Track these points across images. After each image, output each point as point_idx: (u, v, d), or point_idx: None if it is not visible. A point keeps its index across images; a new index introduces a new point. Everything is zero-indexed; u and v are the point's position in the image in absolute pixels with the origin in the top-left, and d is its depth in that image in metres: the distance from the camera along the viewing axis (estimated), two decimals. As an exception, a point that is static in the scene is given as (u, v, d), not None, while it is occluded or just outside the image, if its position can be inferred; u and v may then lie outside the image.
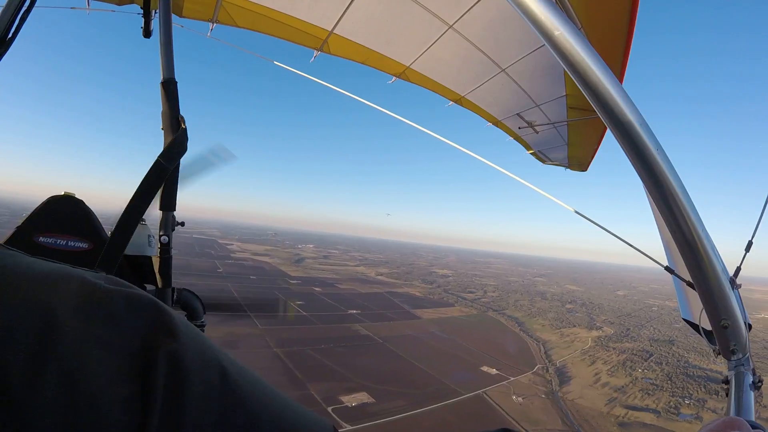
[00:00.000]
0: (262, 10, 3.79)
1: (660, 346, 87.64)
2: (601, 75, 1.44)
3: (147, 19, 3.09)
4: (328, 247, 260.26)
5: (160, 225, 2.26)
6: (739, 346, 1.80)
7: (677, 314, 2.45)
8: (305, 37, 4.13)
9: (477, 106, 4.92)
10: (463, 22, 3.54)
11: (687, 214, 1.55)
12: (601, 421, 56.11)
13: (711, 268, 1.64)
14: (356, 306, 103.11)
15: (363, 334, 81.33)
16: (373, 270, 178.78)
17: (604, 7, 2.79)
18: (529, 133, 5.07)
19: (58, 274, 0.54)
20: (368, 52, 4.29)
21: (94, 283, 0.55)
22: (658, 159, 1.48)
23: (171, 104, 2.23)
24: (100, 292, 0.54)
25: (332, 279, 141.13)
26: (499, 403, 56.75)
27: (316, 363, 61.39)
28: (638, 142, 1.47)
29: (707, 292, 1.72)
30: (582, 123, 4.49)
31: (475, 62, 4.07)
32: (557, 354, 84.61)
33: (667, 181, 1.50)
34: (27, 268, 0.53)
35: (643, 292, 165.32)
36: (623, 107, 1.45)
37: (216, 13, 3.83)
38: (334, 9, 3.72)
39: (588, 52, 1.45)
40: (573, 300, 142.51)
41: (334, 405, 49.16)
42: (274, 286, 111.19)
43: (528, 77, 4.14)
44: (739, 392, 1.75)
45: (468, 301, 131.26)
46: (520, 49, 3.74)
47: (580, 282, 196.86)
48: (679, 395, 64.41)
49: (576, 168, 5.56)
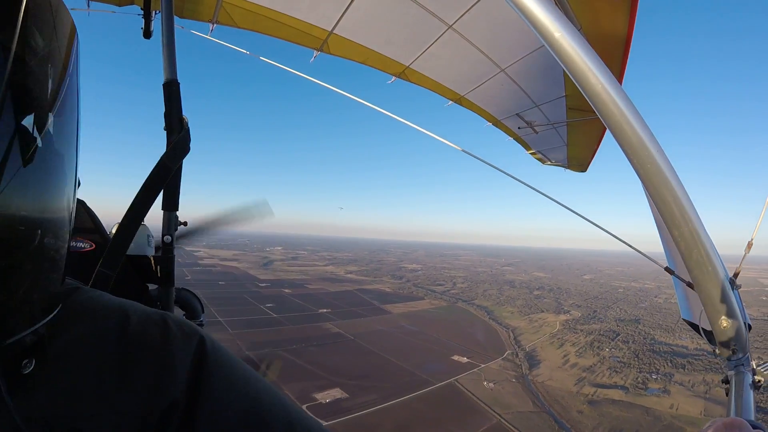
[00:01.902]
0: (262, 10, 3.76)
1: (626, 326, 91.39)
2: (601, 75, 1.45)
3: (147, 20, 3.09)
4: (296, 248, 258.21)
5: (162, 225, 2.26)
6: (738, 346, 1.82)
7: (643, 294, 2.55)
8: (305, 37, 4.10)
9: (477, 106, 4.94)
10: (462, 22, 3.55)
11: (687, 214, 1.56)
12: (570, 401, 57.98)
13: (711, 268, 1.66)
14: (326, 305, 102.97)
15: (334, 332, 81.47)
16: (342, 268, 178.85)
17: (604, 8, 2.78)
18: (529, 133, 5.10)
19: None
20: (368, 52, 4.27)
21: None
22: (657, 159, 1.49)
23: (173, 105, 2.21)
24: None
25: (301, 280, 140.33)
26: (470, 390, 57.97)
27: (288, 363, 61.07)
28: (638, 142, 1.48)
29: (707, 292, 1.73)
30: (581, 123, 4.53)
31: (474, 62, 4.08)
32: (526, 339, 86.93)
33: (666, 181, 1.51)
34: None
35: (608, 275, 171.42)
36: (623, 108, 1.46)
37: (216, 13, 3.80)
38: (333, 9, 3.70)
39: (587, 52, 1.46)
40: (541, 287, 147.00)
41: (309, 403, 49.12)
42: (244, 290, 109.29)
43: (527, 77, 4.17)
44: (739, 392, 1.76)
45: (437, 294, 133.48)
46: (520, 50, 3.77)
47: (548, 269, 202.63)
48: (647, 371, 67.30)
49: (576, 168, 5.60)
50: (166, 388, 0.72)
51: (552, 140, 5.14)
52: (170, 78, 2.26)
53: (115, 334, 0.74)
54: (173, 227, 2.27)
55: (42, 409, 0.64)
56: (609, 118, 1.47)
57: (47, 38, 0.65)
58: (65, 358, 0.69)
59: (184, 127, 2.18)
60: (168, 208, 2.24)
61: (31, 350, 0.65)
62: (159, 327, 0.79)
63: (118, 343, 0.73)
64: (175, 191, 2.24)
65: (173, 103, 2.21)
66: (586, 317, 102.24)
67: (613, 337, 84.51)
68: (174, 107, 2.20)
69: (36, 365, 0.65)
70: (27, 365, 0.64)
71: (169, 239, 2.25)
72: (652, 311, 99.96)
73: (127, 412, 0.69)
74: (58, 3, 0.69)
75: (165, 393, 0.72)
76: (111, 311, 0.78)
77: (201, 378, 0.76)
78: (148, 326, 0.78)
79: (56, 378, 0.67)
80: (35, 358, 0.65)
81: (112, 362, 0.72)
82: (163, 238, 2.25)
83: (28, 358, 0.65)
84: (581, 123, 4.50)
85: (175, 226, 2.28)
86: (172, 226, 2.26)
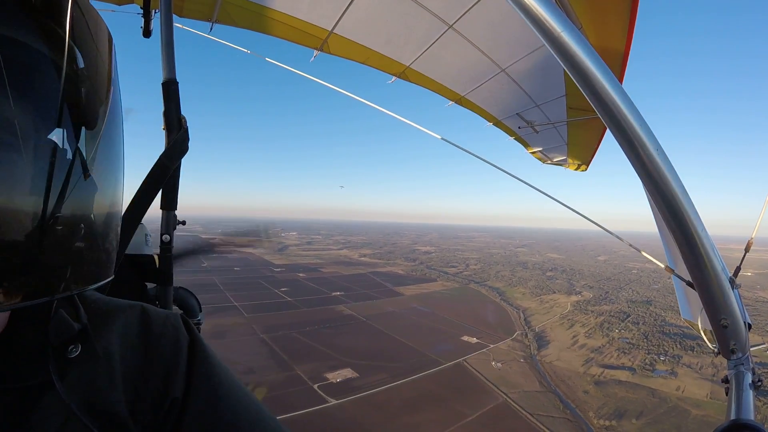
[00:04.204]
0: (262, 9, 3.75)
1: (637, 307, 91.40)
2: (601, 75, 1.45)
3: (147, 18, 3.06)
4: (311, 233, 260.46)
5: (161, 224, 2.26)
6: (738, 345, 1.82)
7: (656, 275, 2.80)
8: (305, 36, 4.09)
9: (477, 106, 4.91)
10: (463, 22, 3.54)
11: (687, 214, 1.56)
12: (577, 381, 58.51)
13: (711, 268, 1.66)
14: (340, 288, 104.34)
15: (346, 314, 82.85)
16: (356, 252, 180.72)
17: (604, 7, 2.76)
18: (529, 132, 5.08)
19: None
20: (368, 52, 4.25)
21: None
22: (657, 159, 1.48)
23: (172, 104, 2.20)
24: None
25: (316, 264, 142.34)
26: (478, 370, 58.88)
27: (301, 345, 62.62)
28: (638, 142, 1.47)
29: (707, 291, 1.74)
30: (582, 123, 4.50)
31: (474, 62, 4.06)
32: (536, 320, 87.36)
33: (666, 181, 1.51)
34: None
35: (623, 256, 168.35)
36: (623, 107, 1.45)
37: (216, 12, 3.78)
38: (334, 9, 3.70)
39: (588, 52, 1.46)
40: (554, 268, 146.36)
41: (320, 382, 50.65)
42: (259, 276, 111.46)
43: (528, 77, 4.14)
44: (739, 391, 1.76)
45: (450, 276, 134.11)
46: (520, 49, 3.74)
47: (562, 250, 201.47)
48: (655, 353, 67.40)
49: (576, 168, 5.56)
50: (173, 384, 0.79)
51: (552, 139, 5.13)
52: (169, 77, 2.25)
53: (139, 329, 0.83)
54: (172, 226, 2.26)
55: (85, 393, 0.70)
56: (609, 117, 1.48)
57: (92, 52, 0.72)
58: (103, 347, 0.76)
59: (182, 126, 2.18)
60: (166, 207, 2.23)
61: (76, 337, 0.74)
62: (171, 326, 0.86)
63: (142, 337, 0.82)
64: (174, 190, 2.23)
65: (172, 102, 2.21)
66: (598, 298, 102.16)
67: (624, 318, 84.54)
68: (173, 106, 2.20)
69: (81, 351, 0.73)
70: (73, 350, 0.72)
71: (168, 238, 2.24)
72: (665, 293, 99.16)
73: (148, 402, 0.76)
74: (96, 15, 0.75)
75: (171, 389, 0.78)
76: (131, 308, 0.86)
77: (192, 382, 0.81)
78: (166, 325, 0.86)
79: (96, 366, 0.73)
80: (81, 343, 0.74)
81: (138, 354, 0.79)
82: (161, 237, 2.24)
83: (74, 344, 0.73)
84: (581, 122, 4.48)
85: (174, 225, 2.27)
86: (171, 226, 2.26)
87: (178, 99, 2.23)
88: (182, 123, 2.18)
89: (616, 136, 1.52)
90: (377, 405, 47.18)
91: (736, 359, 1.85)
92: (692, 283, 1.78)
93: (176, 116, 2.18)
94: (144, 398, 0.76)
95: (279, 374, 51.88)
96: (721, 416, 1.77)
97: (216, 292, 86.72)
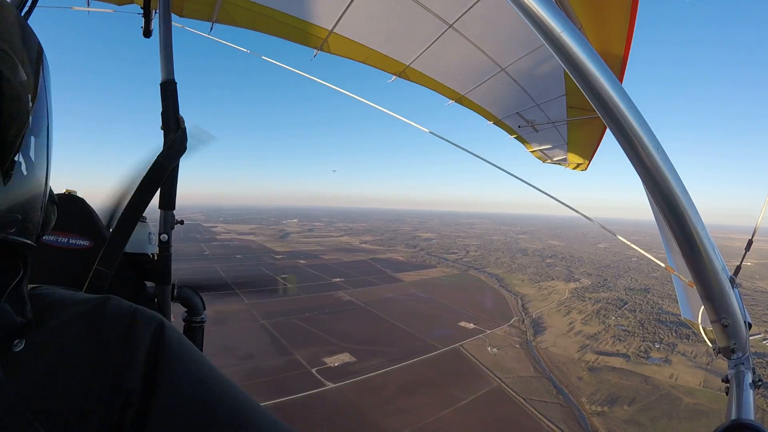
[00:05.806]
0: (262, 9, 3.73)
1: (635, 295, 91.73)
2: (601, 75, 1.45)
3: (147, 18, 3.07)
4: (312, 220, 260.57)
5: (159, 223, 2.27)
6: (739, 344, 1.82)
7: (655, 264, 2.82)
8: (305, 36, 4.09)
9: (477, 105, 4.92)
10: (463, 22, 3.53)
11: (687, 213, 1.56)
12: (571, 367, 59.04)
13: (711, 268, 1.67)
14: (340, 274, 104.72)
15: (345, 300, 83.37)
16: (357, 239, 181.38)
17: (604, 7, 2.75)
18: (529, 131, 5.09)
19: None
20: (368, 51, 4.25)
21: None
22: (657, 159, 1.49)
23: (170, 104, 2.20)
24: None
25: (317, 251, 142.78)
26: (474, 355, 59.42)
27: (300, 331, 63.18)
28: (638, 141, 1.47)
29: (707, 291, 1.74)
30: (582, 122, 4.50)
31: (475, 61, 4.06)
32: (534, 306, 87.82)
33: (667, 180, 1.51)
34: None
35: (623, 243, 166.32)
36: (623, 107, 1.46)
37: (216, 12, 3.78)
38: (334, 8, 3.69)
39: (588, 52, 1.46)
40: (554, 254, 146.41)
41: (318, 366, 51.37)
42: (260, 263, 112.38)
43: (528, 76, 4.14)
44: (740, 391, 1.76)
45: (450, 262, 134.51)
46: (520, 49, 3.74)
47: (563, 237, 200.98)
48: (650, 340, 67.87)
49: (576, 167, 5.55)
50: (127, 378, 0.76)
51: (552, 139, 5.14)
52: (167, 78, 2.25)
53: (88, 323, 0.81)
54: (169, 226, 2.28)
55: (27, 388, 0.69)
56: (609, 116, 1.49)
57: (25, 63, 0.74)
58: (47, 342, 0.75)
59: (180, 126, 2.18)
60: (165, 206, 2.24)
61: (21, 332, 0.74)
62: (127, 320, 0.84)
63: (89, 332, 0.79)
64: (172, 190, 2.24)
65: (170, 102, 2.21)
66: (596, 285, 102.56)
67: (621, 306, 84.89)
68: (171, 107, 2.21)
69: (25, 345, 0.73)
70: (18, 344, 0.72)
71: (166, 237, 2.26)
72: (663, 281, 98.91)
73: (95, 398, 0.73)
74: (26, 26, 0.78)
75: (126, 382, 0.76)
76: (86, 302, 0.85)
77: (156, 373, 0.79)
78: (118, 318, 0.83)
79: (40, 360, 0.73)
80: (25, 339, 0.73)
81: (85, 350, 0.77)
82: (159, 237, 2.26)
83: (19, 338, 0.73)
84: (582, 121, 4.49)
85: (172, 225, 2.29)
86: (169, 225, 2.27)
87: (176, 99, 2.25)
88: (180, 123, 2.19)
89: (616, 136, 1.54)
90: (373, 389, 47.86)
91: (737, 359, 1.85)
92: (692, 282, 1.79)
93: (174, 116, 2.19)
94: (93, 392, 0.74)
95: (278, 359, 52.60)
96: (713, 405, 1.80)
97: (218, 279, 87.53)
